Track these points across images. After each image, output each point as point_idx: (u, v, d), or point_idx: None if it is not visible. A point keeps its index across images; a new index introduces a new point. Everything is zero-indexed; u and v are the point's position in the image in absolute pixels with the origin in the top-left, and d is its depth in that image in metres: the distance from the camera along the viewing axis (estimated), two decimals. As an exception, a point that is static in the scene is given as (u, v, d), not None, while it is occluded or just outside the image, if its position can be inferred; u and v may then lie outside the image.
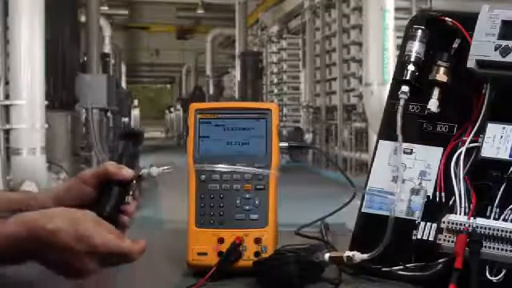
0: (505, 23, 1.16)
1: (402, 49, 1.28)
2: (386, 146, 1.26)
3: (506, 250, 1.06)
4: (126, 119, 14.52)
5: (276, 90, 17.83)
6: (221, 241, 1.22)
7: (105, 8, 18.56)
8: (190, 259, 1.24)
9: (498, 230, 1.07)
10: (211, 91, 22.62)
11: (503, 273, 1.08)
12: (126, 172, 1.07)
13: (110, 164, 1.08)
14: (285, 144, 1.29)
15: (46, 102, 7.88)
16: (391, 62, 9.01)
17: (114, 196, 1.06)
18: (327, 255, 1.17)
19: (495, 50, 1.15)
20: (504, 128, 1.14)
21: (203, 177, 1.25)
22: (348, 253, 1.17)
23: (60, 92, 9.97)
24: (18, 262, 0.96)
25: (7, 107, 7.74)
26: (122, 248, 0.94)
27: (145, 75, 35.05)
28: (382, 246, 1.16)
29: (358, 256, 1.17)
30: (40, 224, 0.92)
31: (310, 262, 1.16)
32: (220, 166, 1.25)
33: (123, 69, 24.46)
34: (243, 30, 18.86)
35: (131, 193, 1.09)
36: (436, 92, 1.23)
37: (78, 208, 1.05)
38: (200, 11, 21.87)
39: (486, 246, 1.07)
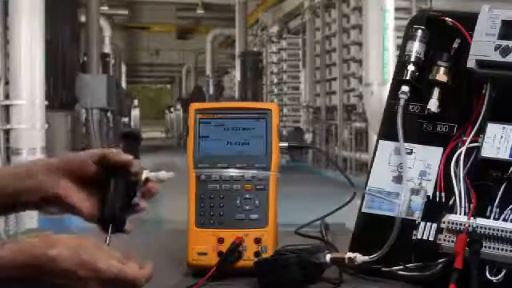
0: (505, 23, 1.16)
1: (402, 49, 1.28)
2: (386, 146, 1.26)
3: (506, 250, 1.06)
4: (126, 119, 14.52)
5: (276, 90, 17.83)
6: (221, 241, 1.22)
7: (105, 8, 18.55)
8: (190, 259, 1.24)
9: (497, 230, 1.07)
10: (211, 91, 22.61)
11: (503, 273, 1.08)
12: (125, 157, 1.04)
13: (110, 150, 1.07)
14: (285, 144, 1.29)
15: (46, 102, 7.88)
16: (391, 62, 9.00)
17: (117, 196, 1.03)
18: (328, 256, 1.17)
19: (495, 50, 1.15)
20: (504, 128, 1.14)
21: (203, 177, 1.25)
22: (349, 254, 1.17)
23: (60, 92, 9.97)
24: None
25: (7, 107, 7.74)
26: (126, 273, 0.92)
27: (145, 75, 35.04)
28: (385, 248, 1.16)
29: (360, 258, 1.16)
30: (40, 251, 0.89)
31: (311, 263, 1.16)
32: (220, 165, 1.25)
33: (123, 69, 24.45)
34: (243, 30, 18.85)
35: (139, 194, 1.06)
36: (436, 92, 1.23)
37: (77, 184, 1.04)
38: (200, 11, 21.86)
39: (486, 246, 1.07)
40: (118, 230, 1.02)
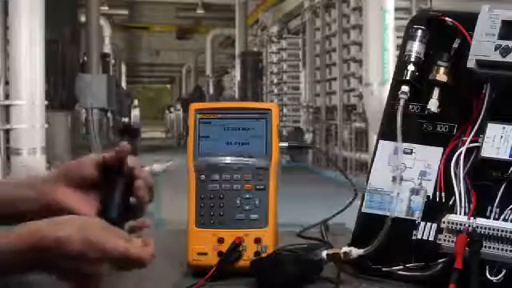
0: (505, 23, 1.16)
1: (402, 49, 1.28)
2: (385, 146, 1.26)
3: (506, 250, 1.06)
4: (126, 119, 14.54)
5: (276, 90, 17.83)
6: (221, 241, 1.22)
7: (105, 8, 18.56)
8: (190, 259, 1.24)
9: (497, 230, 1.07)
10: (211, 91, 22.62)
11: (503, 273, 1.08)
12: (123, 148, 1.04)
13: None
14: (285, 144, 1.29)
15: (46, 102, 7.89)
16: (391, 61, 9.01)
17: (117, 196, 1.03)
18: (324, 252, 1.17)
19: (495, 50, 1.15)
20: (504, 128, 1.14)
21: (203, 177, 1.25)
22: (345, 249, 1.17)
23: (60, 92, 9.98)
24: (23, 273, 0.95)
25: (7, 107, 7.75)
26: (133, 252, 0.94)
27: (145, 75, 35.09)
28: (377, 241, 1.16)
29: (355, 251, 1.17)
30: (47, 233, 0.90)
31: (308, 261, 1.16)
32: (220, 164, 1.26)
33: (123, 69, 24.47)
34: (243, 30, 18.87)
35: (134, 200, 1.05)
36: (436, 92, 1.23)
37: (76, 189, 1.05)
38: (200, 11, 21.88)
39: (486, 246, 1.07)
40: None
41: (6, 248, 0.90)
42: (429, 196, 1.19)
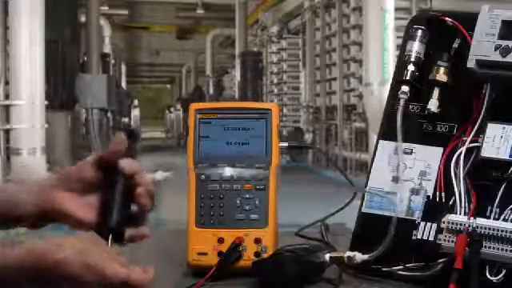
0: (505, 23, 1.16)
1: (402, 49, 1.28)
2: (385, 146, 1.26)
3: (506, 250, 1.06)
4: (126, 119, 14.53)
5: (276, 90, 17.82)
6: (221, 241, 1.22)
7: (105, 8, 18.56)
8: (190, 259, 1.24)
9: (497, 230, 1.07)
10: (211, 91, 22.61)
11: (503, 273, 1.08)
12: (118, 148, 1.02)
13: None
14: (285, 144, 1.29)
15: (46, 102, 7.89)
16: (391, 61, 9.00)
17: (117, 202, 1.01)
18: (328, 255, 1.17)
19: (495, 50, 1.15)
20: (504, 128, 1.14)
21: (203, 177, 1.25)
22: (349, 253, 1.17)
23: (60, 92, 9.98)
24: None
25: (7, 107, 7.76)
26: (132, 279, 0.93)
27: (145, 75, 35.08)
28: (382, 247, 1.16)
29: (359, 256, 1.17)
30: (47, 253, 0.90)
31: (311, 263, 1.16)
32: (220, 165, 1.25)
33: (123, 69, 24.47)
34: (243, 30, 18.86)
35: (135, 207, 1.04)
36: (436, 92, 1.23)
37: (75, 193, 1.03)
38: (200, 11, 21.88)
39: (486, 246, 1.07)
40: (117, 241, 1.01)
41: (4, 264, 0.90)
42: (429, 196, 1.19)
